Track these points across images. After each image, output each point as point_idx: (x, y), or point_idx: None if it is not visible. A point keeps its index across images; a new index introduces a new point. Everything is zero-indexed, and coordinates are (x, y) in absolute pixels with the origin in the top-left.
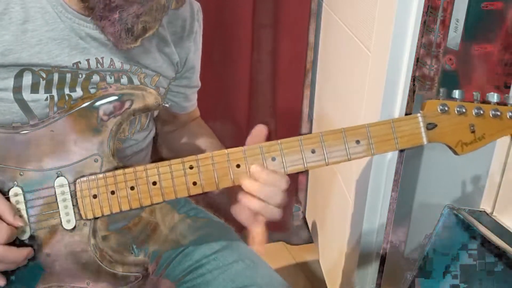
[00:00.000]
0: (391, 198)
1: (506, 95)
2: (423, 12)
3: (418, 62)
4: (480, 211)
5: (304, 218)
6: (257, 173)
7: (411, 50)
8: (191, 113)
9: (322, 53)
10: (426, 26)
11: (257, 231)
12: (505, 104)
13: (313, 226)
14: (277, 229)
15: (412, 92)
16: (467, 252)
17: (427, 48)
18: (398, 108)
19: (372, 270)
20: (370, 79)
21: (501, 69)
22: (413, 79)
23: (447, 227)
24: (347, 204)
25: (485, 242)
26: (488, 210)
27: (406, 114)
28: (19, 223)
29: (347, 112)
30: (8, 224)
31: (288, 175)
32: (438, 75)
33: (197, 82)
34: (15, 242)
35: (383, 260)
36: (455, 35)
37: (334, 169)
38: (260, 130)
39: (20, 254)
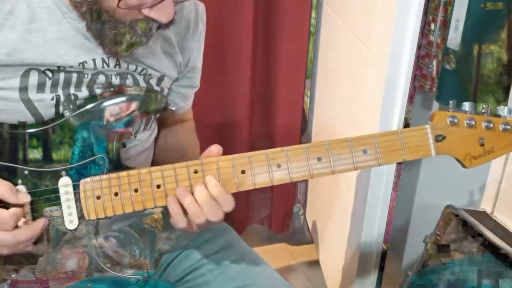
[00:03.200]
0: (391, 198)
1: None
2: (423, 12)
3: (418, 62)
4: (480, 211)
5: (305, 218)
6: (210, 184)
7: (411, 50)
8: (183, 114)
9: (322, 53)
10: (426, 26)
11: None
12: None
13: (313, 226)
14: (278, 230)
15: (412, 92)
16: (466, 252)
17: (427, 48)
18: (398, 108)
19: (372, 270)
20: (370, 79)
21: (501, 69)
22: (413, 79)
23: (447, 227)
24: (347, 204)
25: (485, 242)
26: (488, 210)
27: (406, 114)
28: (23, 199)
29: (348, 112)
30: (12, 204)
31: None
32: (438, 75)
33: (198, 83)
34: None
35: (383, 259)
36: (455, 35)
37: None
38: (215, 151)
39: (33, 231)
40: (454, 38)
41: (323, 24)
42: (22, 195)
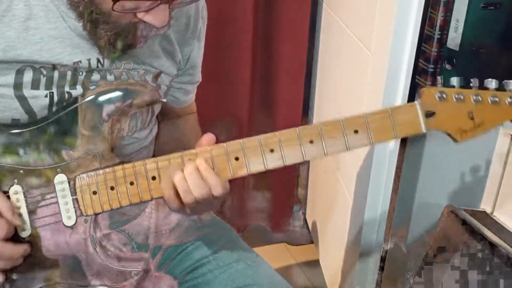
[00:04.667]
0: (391, 198)
1: (505, 81)
2: (423, 12)
3: (418, 62)
4: (480, 211)
5: (304, 218)
6: (198, 162)
7: (411, 50)
8: (186, 107)
9: (322, 53)
10: (426, 26)
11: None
12: (504, 90)
13: (313, 226)
14: (277, 230)
15: (412, 92)
16: (466, 252)
17: (427, 48)
18: None
19: (372, 270)
20: (370, 79)
21: (501, 69)
22: (413, 79)
23: (447, 227)
24: (347, 204)
25: (485, 242)
26: (488, 210)
27: None
28: (17, 221)
29: (347, 112)
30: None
31: (288, 174)
32: (438, 75)
33: (199, 78)
34: (13, 240)
35: (383, 259)
36: (455, 35)
37: (334, 168)
38: (208, 140)
39: (16, 251)
40: (454, 38)
41: (322, 24)
42: (17, 218)
